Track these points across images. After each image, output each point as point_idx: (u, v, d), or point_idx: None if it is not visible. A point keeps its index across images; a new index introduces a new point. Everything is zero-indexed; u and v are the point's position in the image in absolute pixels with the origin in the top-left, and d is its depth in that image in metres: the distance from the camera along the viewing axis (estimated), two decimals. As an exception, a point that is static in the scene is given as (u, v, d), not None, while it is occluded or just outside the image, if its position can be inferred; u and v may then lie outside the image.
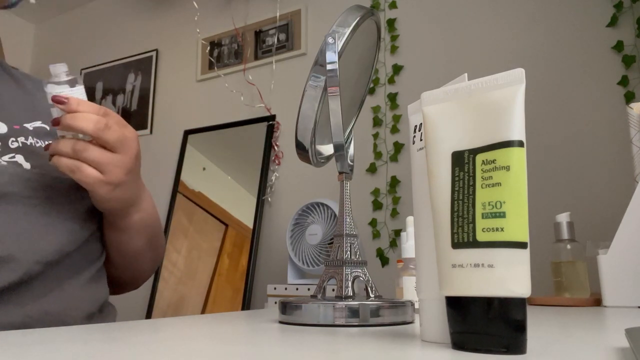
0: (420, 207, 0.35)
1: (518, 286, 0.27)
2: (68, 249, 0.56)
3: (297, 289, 1.45)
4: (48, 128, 0.62)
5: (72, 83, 0.52)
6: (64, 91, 0.52)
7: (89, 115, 0.51)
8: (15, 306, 0.51)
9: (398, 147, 1.68)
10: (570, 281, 0.88)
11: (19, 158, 0.57)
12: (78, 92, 0.53)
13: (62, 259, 0.55)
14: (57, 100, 0.50)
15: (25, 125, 0.60)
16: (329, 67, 0.50)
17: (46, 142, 0.60)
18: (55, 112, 0.52)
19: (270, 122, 1.94)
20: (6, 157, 0.56)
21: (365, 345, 0.32)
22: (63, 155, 0.51)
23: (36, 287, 0.53)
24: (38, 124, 0.61)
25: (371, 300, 0.47)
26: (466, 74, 0.33)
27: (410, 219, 0.71)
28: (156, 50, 2.38)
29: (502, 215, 0.28)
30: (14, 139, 0.58)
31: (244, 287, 1.78)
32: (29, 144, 0.58)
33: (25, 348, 0.30)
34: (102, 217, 0.63)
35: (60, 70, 0.52)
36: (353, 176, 0.56)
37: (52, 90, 0.51)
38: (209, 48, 2.20)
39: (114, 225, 0.62)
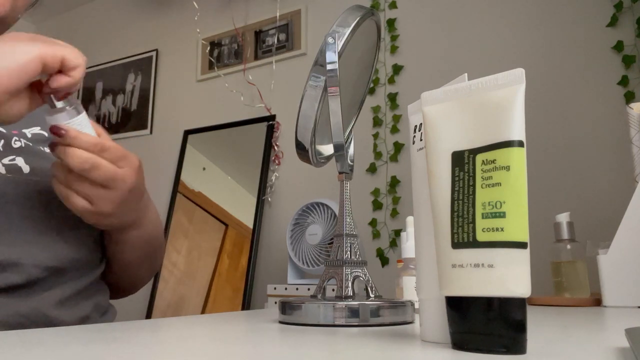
0: (420, 207, 0.35)
1: (518, 286, 0.27)
2: (67, 255, 0.56)
3: (297, 289, 1.45)
4: (46, 134, 0.61)
5: (71, 112, 0.50)
6: (70, 122, 0.50)
7: (79, 153, 0.49)
8: (12, 305, 0.51)
9: (398, 147, 1.68)
10: (570, 281, 0.88)
11: (19, 160, 0.56)
12: (77, 122, 0.51)
13: (62, 264, 0.55)
14: (55, 132, 0.49)
15: (24, 130, 0.60)
16: (329, 67, 0.50)
17: (45, 149, 0.60)
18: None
19: (270, 122, 1.94)
20: (6, 160, 0.55)
21: (365, 345, 0.32)
22: (57, 180, 0.51)
23: (35, 290, 0.53)
24: (36, 130, 0.61)
25: (371, 300, 0.47)
26: (466, 74, 0.33)
27: (410, 219, 0.71)
28: (156, 50, 2.38)
29: (502, 215, 0.28)
30: (17, 138, 0.57)
31: (244, 287, 1.78)
32: (31, 145, 0.58)
33: (25, 348, 0.30)
34: None
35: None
36: (353, 176, 0.56)
37: (50, 120, 0.50)
38: (209, 48, 2.20)
39: (109, 236, 0.62)
